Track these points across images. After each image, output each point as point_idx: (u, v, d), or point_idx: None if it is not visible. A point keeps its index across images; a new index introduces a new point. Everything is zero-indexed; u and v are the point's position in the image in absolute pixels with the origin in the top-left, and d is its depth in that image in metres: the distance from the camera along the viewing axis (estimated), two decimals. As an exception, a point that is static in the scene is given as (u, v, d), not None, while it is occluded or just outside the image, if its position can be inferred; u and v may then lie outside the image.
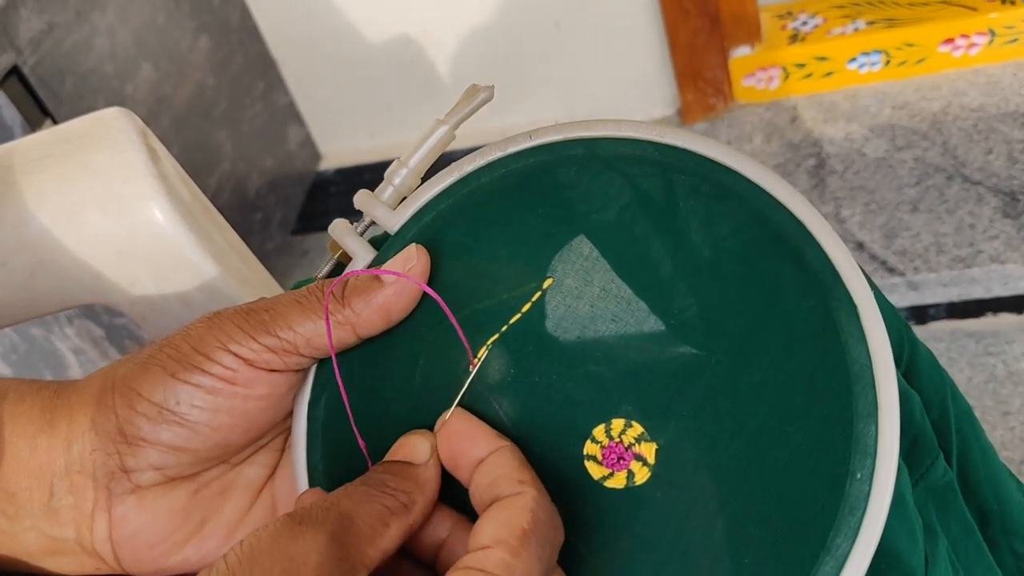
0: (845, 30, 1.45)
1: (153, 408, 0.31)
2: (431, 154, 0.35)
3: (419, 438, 0.31)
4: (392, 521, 0.28)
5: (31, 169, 0.43)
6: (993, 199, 1.24)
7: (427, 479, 0.30)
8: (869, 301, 0.30)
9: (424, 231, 0.34)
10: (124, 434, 0.31)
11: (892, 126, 1.40)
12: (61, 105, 1.09)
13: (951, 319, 1.22)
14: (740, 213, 0.31)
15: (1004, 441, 1.07)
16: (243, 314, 0.32)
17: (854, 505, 0.29)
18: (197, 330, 0.31)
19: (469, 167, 0.34)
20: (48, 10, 1.10)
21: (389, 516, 0.28)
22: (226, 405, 0.31)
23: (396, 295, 0.32)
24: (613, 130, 0.33)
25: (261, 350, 0.31)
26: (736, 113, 1.51)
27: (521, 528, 0.27)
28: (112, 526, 0.32)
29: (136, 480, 0.31)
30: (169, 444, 0.31)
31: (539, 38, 1.54)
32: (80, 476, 0.31)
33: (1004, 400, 1.10)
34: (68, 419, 0.32)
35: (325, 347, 0.32)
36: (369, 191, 0.35)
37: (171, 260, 0.43)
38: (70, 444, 0.31)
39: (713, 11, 1.41)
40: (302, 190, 1.66)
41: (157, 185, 0.42)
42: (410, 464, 0.30)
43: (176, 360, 0.31)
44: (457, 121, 0.35)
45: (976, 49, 1.42)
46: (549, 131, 0.34)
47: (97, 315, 1.12)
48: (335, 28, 1.58)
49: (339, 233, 0.35)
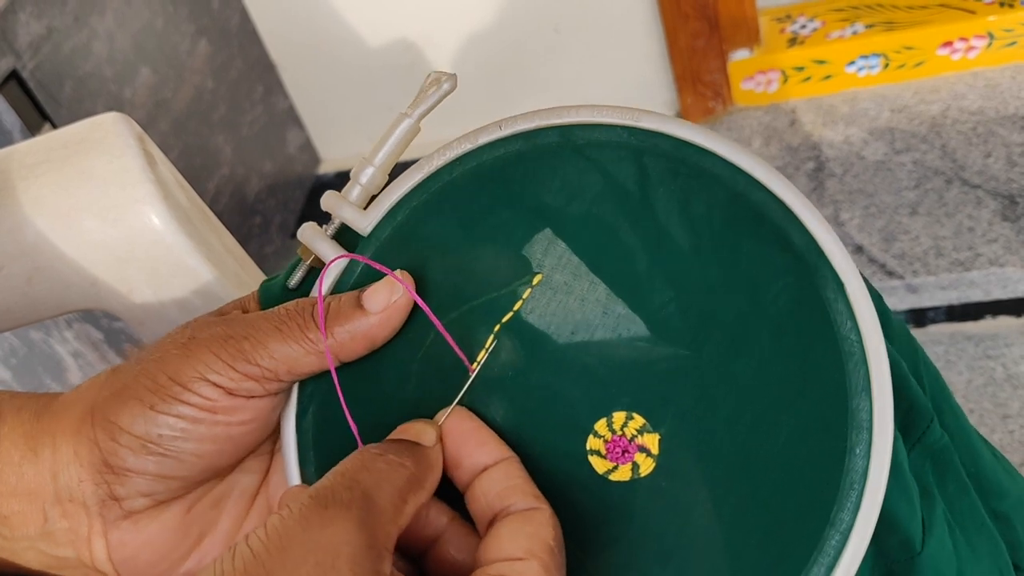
0: (844, 33, 1.46)
1: (136, 441, 0.30)
2: (397, 149, 0.34)
3: (424, 425, 0.30)
4: (409, 497, 0.27)
5: (28, 175, 0.44)
6: (992, 202, 1.24)
7: (435, 461, 0.29)
8: (855, 276, 0.30)
9: (399, 230, 0.33)
10: (109, 465, 0.31)
11: (891, 129, 1.40)
12: (60, 109, 1.09)
13: (950, 322, 1.22)
14: (720, 195, 0.31)
15: (1003, 444, 1.06)
16: (221, 341, 0.30)
17: (854, 479, 0.29)
18: (173, 359, 0.30)
19: (439, 161, 0.33)
20: (47, 14, 1.10)
21: (407, 492, 0.27)
22: (209, 433, 0.31)
23: (379, 325, 0.31)
24: (587, 115, 0.32)
25: (240, 379, 0.30)
26: (735, 116, 1.51)
27: (549, 544, 0.27)
28: (110, 549, 0.31)
29: (127, 507, 0.31)
30: (156, 473, 0.31)
31: (538, 42, 1.54)
32: (72, 504, 0.31)
33: (1003, 403, 1.10)
34: (51, 448, 0.31)
35: (305, 372, 0.31)
36: (336, 191, 0.34)
37: (168, 265, 0.43)
38: (55, 475, 0.31)
39: (712, 14, 1.41)
40: (301, 194, 1.66)
41: (154, 190, 0.42)
42: (418, 444, 0.29)
43: (154, 392, 0.30)
44: (421, 113, 0.34)
45: (975, 52, 1.42)
46: (521, 119, 0.33)
47: (96, 319, 1.12)
48: (334, 32, 1.58)
49: (308, 237, 0.34)
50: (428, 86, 0.34)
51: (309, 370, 0.31)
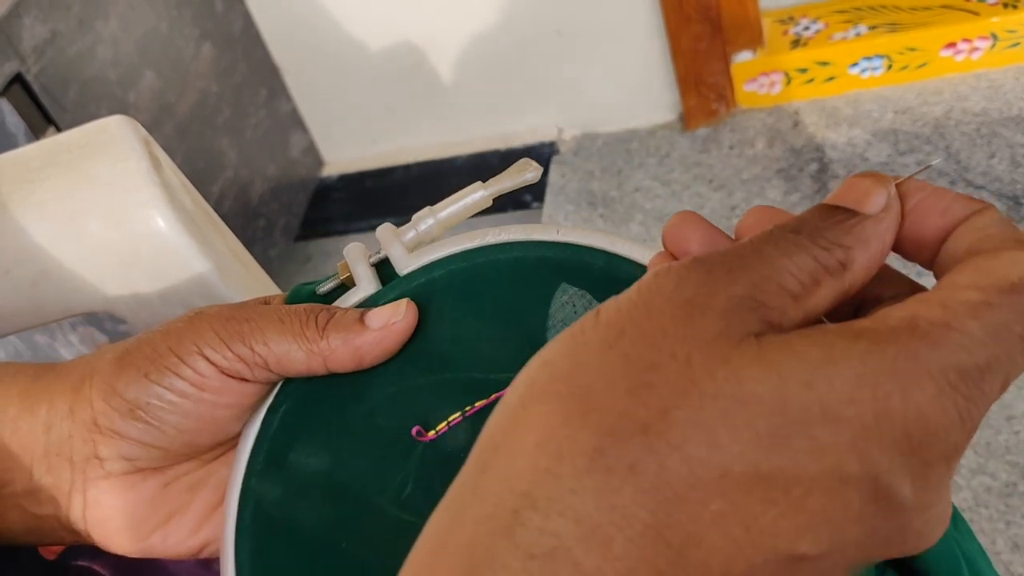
0: (847, 35, 1.46)
1: (125, 405, 0.32)
2: (462, 213, 0.36)
3: (873, 182, 0.25)
4: (824, 279, 0.22)
5: (34, 178, 0.44)
6: (996, 203, 1.24)
7: (874, 235, 0.24)
8: None
9: (430, 284, 0.35)
10: (98, 424, 0.32)
11: (894, 131, 1.40)
12: (64, 113, 1.10)
13: (955, 323, 1.22)
14: None
15: (1009, 445, 1.06)
16: (223, 319, 0.32)
17: None
18: (176, 330, 0.32)
19: (492, 239, 0.35)
20: (51, 18, 1.11)
21: (822, 273, 0.22)
22: (195, 410, 0.32)
23: (373, 343, 0.32)
24: (638, 253, 0.33)
25: (233, 359, 0.32)
26: (738, 118, 1.51)
27: (1010, 281, 0.21)
28: (87, 507, 0.33)
29: (108, 468, 0.33)
30: (138, 439, 0.32)
31: (541, 45, 1.54)
32: (58, 459, 0.33)
33: (1008, 404, 1.10)
34: (48, 404, 0.33)
35: (294, 369, 0.32)
36: (394, 226, 0.36)
37: (173, 268, 0.44)
38: (49, 428, 0.33)
39: (715, 16, 1.41)
40: (305, 197, 1.67)
41: (159, 193, 0.43)
42: (855, 213, 0.24)
43: (151, 360, 0.32)
44: (497, 191, 0.36)
45: (978, 53, 1.42)
46: (577, 233, 0.35)
47: (101, 322, 1.13)
48: (337, 35, 1.58)
49: (352, 257, 0.36)
50: (514, 170, 0.36)
51: (297, 368, 0.32)
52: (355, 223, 1.64)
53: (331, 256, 1.61)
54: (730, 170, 1.44)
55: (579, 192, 1.50)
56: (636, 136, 1.57)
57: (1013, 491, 1.03)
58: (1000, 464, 1.05)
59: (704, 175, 1.45)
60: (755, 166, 1.43)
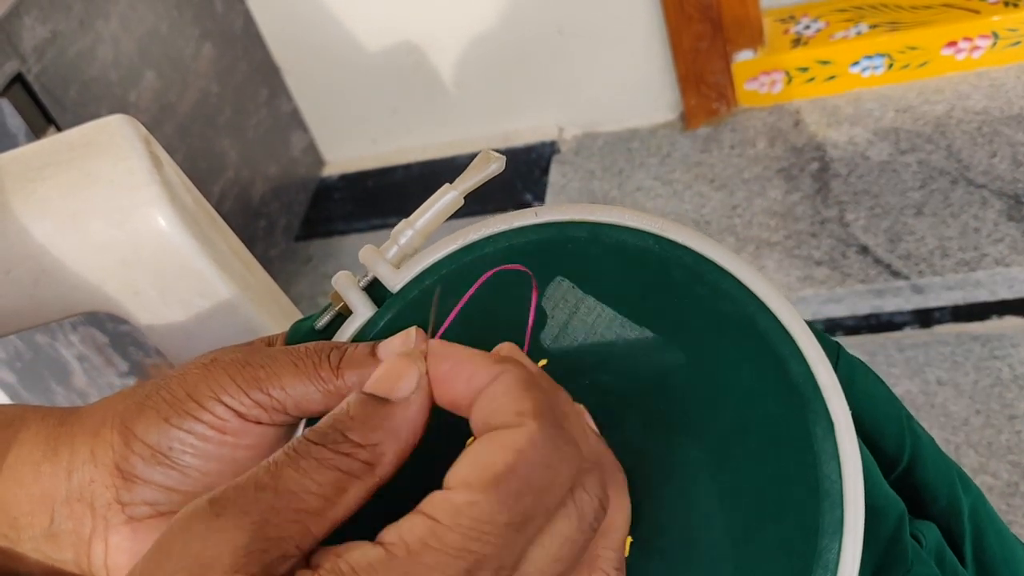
0: (848, 34, 1.45)
1: (147, 450, 0.32)
2: (438, 217, 0.36)
3: (406, 364, 0.26)
4: (351, 485, 0.24)
5: (34, 177, 0.44)
6: (998, 202, 1.24)
7: (404, 421, 0.25)
8: (846, 419, 0.31)
9: (425, 294, 0.35)
10: (120, 470, 0.32)
11: (896, 129, 1.39)
12: (65, 113, 1.10)
13: (956, 322, 1.22)
14: (732, 316, 0.32)
15: (1010, 445, 1.06)
16: (239, 365, 0.32)
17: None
18: (193, 376, 0.32)
19: (474, 236, 0.35)
20: (52, 18, 1.11)
21: (347, 480, 0.24)
22: (216, 453, 0.32)
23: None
24: (617, 217, 0.34)
25: (252, 405, 0.31)
26: (739, 117, 1.51)
27: (494, 470, 0.22)
28: (108, 553, 0.32)
29: (130, 513, 0.32)
30: (161, 484, 0.32)
31: (542, 44, 1.54)
32: (79, 504, 0.32)
33: (1010, 404, 1.10)
34: (70, 448, 0.33)
35: (313, 410, 0.32)
36: (375, 247, 0.36)
37: (175, 268, 0.43)
38: (71, 473, 0.32)
39: (715, 16, 1.41)
40: (306, 196, 1.67)
41: (160, 192, 0.43)
42: (385, 402, 0.25)
43: (170, 405, 0.32)
44: (466, 188, 0.36)
45: (979, 52, 1.42)
46: (555, 210, 0.35)
47: (101, 322, 1.13)
48: (338, 35, 1.58)
49: (342, 286, 0.36)
50: (476, 164, 0.36)
51: (316, 408, 0.32)
52: (356, 223, 1.64)
53: (332, 256, 1.60)
54: (731, 169, 1.44)
55: (580, 191, 1.50)
56: (637, 135, 1.57)
57: (1015, 491, 1.03)
58: (1002, 464, 1.05)
59: (705, 174, 1.45)
60: (756, 165, 1.43)
